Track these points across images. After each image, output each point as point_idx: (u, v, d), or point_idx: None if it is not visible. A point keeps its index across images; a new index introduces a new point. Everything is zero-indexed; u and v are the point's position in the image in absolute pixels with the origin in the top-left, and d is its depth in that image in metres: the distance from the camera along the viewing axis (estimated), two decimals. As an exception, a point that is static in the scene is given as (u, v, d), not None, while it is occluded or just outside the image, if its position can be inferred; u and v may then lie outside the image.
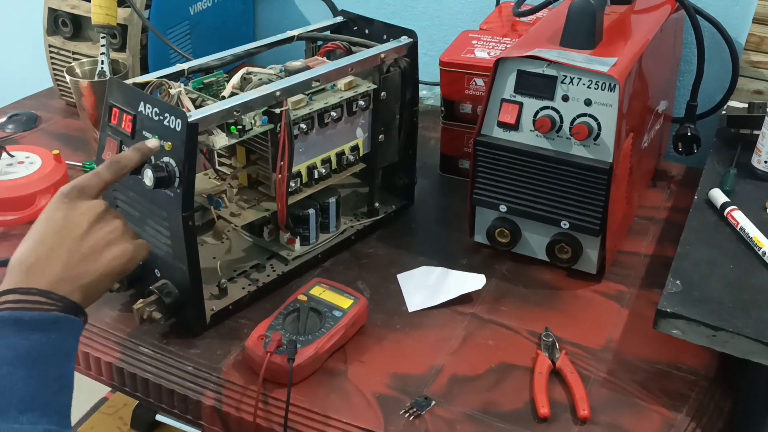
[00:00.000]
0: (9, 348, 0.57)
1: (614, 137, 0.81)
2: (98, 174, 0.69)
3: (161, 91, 0.78)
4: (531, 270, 0.90)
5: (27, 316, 0.59)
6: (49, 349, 0.59)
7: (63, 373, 0.60)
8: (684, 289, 0.73)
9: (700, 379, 0.74)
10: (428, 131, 1.15)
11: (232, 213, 0.84)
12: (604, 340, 0.79)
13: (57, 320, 0.60)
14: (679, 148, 1.05)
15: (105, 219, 0.68)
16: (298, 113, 0.81)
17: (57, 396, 0.58)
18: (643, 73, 0.86)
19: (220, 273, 0.84)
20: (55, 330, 0.60)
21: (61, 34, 1.21)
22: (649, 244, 0.94)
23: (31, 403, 0.56)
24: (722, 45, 1.05)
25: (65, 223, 0.65)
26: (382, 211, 0.97)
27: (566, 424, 0.70)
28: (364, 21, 0.95)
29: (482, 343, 0.79)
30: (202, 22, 1.27)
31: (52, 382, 0.58)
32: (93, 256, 0.65)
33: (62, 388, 0.59)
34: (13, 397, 0.56)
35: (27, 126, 1.20)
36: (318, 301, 0.78)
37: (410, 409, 0.71)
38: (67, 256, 0.64)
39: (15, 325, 0.58)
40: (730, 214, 0.83)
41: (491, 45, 1.03)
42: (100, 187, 0.69)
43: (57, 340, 0.59)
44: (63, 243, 0.64)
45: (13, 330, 0.58)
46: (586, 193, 0.83)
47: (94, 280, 0.65)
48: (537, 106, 0.83)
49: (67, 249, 0.64)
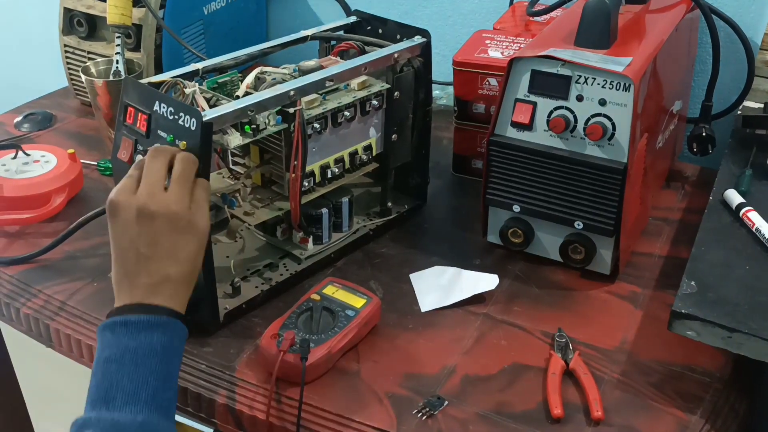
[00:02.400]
0: (119, 347, 0.63)
1: (629, 137, 0.80)
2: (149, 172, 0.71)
3: (176, 91, 0.79)
4: (544, 270, 0.89)
5: (134, 319, 0.64)
6: (155, 348, 0.63)
7: (168, 371, 0.64)
8: (699, 291, 0.73)
9: (714, 381, 0.74)
10: (441, 131, 1.15)
11: (246, 212, 0.85)
12: (617, 341, 0.79)
13: (160, 323, 0.64)
14: (694, 148, 1.04)
15: (156, 214, 0.68)
16: (312, 113, 0.82)
17: (160, 393, 0.62)
18: (657, 73, 0.86)
19: (233, 272, 0.84)
20: (158, 331, 0.64)
21: (76, 34, 1.22)
22: (663, 245, 0.94)
23: (134, 396, 0.61)
24: (738, 45, 1.04)
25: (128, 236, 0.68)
26: (395, 211, 0.97)
27: (579, 425, 0.69)
28: (378, 21, 0.95)
29: (495, 343, 0.79)
30: (215, 22, 1.28)
31: (155, 379, 0.62)
32: (167, 256, 0.67)
33: (166, 386, 0.63)
34: (118, 390, 0.61)
35: (42, 125, 1.21)
36: (331, 301, 0.78)
37: (423, 409, 0.71)
38: (140, 264, 0.67)
39: (124, 326, 0.64)
40: (745, 215, 0.82)
41: (505, 45, 1.03)
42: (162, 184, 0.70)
43: (162, 340, 0.64)
44: (131, 253, 0.67)
45: (123, 330, 0.64)
46: (600, 194, 0.82)
47: (175, 278, 0.67)
48: (551, 106, 0.83)
49: (137, 258, 0.67)
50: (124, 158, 0.77)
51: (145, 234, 0.66)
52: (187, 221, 0.68)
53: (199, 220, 0.69)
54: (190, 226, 0.68)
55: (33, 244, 0.93)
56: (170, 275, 0.67)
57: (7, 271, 0.89)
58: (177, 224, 0.67)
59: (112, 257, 0.68)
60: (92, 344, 0.80)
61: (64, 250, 0.91)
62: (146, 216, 0.66)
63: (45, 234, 0.95)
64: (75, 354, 0.83)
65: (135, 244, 0.66)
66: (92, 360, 0.80)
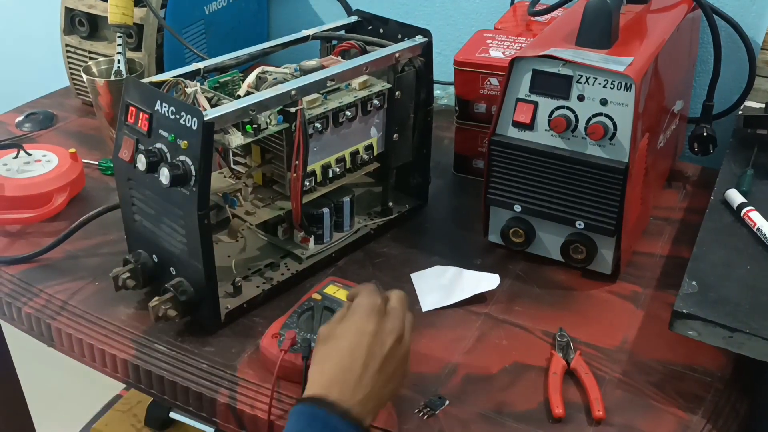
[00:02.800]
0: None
1: (630, 137, 0.80)
2: (401, 300, 0.70)
3: (177, 90, 0.79)
4: (545, 270, 0.89)
5: (334, 421, 0.60)
6: None
7: None
8: (700, 290, 0.73)
9: (715, 381, 0.74)
10: (441, 131, 1.15)
11: (247, 211, 0.85)
12: (618, 341, 0.79)
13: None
14: (695, 148, 1.04)
15: (403, 340, 0.67)
16: (313, 112, 0.82)
17: None
18: (659, 72, 0.86)
19: (234, 271, 0.84)
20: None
21: (77, 34, 1.22)
22: (664, 245, 0.94)
23: None
24: (739, 44, 1.04)
25: (376, 339, 0.65)
26: (396, 211, 0.98)
27: (581, 424, 0.70)
28: (379, 20, 0.95)
29: (496, 342, 0.79)
30: (216, 22, 1.28)
31: None
32: (391, 380, 0.66)
33: None
34: None
35: (44, 125, 1.21)
36: (332, 300, 0.78)
37: (424, 408, 0.71)
38: (375, 374, 0.64)
39: (323, 421, 0.60)
40: (747, 214, 0.82)
41: (506, 44, 1.03)
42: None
43: None
44: (373, 359, 0.64)
45: (320, 426, 0.60)
46: (602, 193, 0.82)
47: (383, 401, 0.66)
48: (552, 106, 0.83)
49: (376, 366, 0.64)
50: (126, 158, 0.77)
51: (381, 340, 0.65)
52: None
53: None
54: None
55: (34, 243, 0.93)
56: (383, 397, 0.65)
57: (9, 270, 0.89)
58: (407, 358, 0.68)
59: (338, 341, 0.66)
60: (93, 343, 0.80)
61: (65, 250, 0.91)
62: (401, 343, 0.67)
63: (46, 233, 0.95)
64: (76, 353, 0.83)
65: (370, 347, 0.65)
66: (93, 359, 0.81)
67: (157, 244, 0.79)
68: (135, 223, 0.81)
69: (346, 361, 0.64)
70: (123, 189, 0.80)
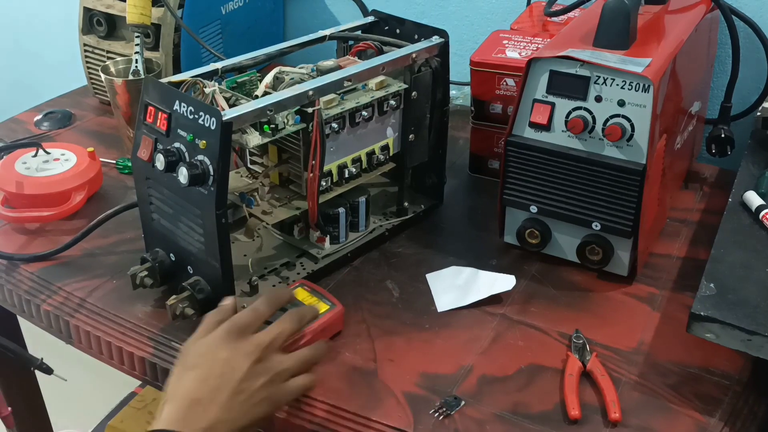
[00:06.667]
0: None
1: (648, 138, 0.80)
2: (256, 310, 0.71)
3: (195, 90, 0.79)
4: (561, 271, 0.89)
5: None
6: None
7: None
8: (718, 293, 0.72)
9: (733, 384, 0.73)
10: (457, 131, 1.15)
11: (264, 211, 0.85)
12: (635, 343, 0.79)
13: None
14: (713, 149, 1.04)
15: (265, 359, 0.68)
16: (330, 112, 0.82)
17: None
18: (677, 73, 0.85)
19: (251, 270, 0.85)
20: None
21: (95, 33, 1.23)
22: (681, 247, 0.93)
23: None
24: (758, 45, 1.04)
25: (229, 365, 0.66)
26: (412, 211, 0.98)
27: (597, 426, 0.69)
28: (395, 21, 0.95)
29: (512, 343, 0.79)
30: (233, 22, 1.29)
31: None
32: (249, 401, 0.66)
33: None
34: None
35: (62, 123, 1.22)
36: (295, 304, 0.78)
37: (440, 409, 0.71)
38: (227, 400, 0.64)
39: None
40: (765, 216, 0.82)
41: (522, 45, 1.03)
42: (259, 324, 0.71)
43: None
44: (226, 385, 0.65)
45: None
46: (619, 195, 0.82)
47: (246, 424, 0.65)
48: (569, 107, 0.83)
49: (228, 392, 0.65)
50: (144, 157, 0.78)
51: (236, 363, 0.66)
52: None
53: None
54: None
55: (53, 241, 0.94)
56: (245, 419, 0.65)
57: (28, 268, 0.90)
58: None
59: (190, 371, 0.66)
60: (111, 341, 0.80)
61: (83, 248, 0.92)
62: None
63: (65, 231, 0.96)
64: (94, 350, 0.83)
65: (223, 372, 0.65)
66: (111, 356, 0.81)
67: (175, 243, 0.80)
68: (153, 222, 0.82)
69: (195, 393, 0.64)
70: (141, 188, 0.81)
